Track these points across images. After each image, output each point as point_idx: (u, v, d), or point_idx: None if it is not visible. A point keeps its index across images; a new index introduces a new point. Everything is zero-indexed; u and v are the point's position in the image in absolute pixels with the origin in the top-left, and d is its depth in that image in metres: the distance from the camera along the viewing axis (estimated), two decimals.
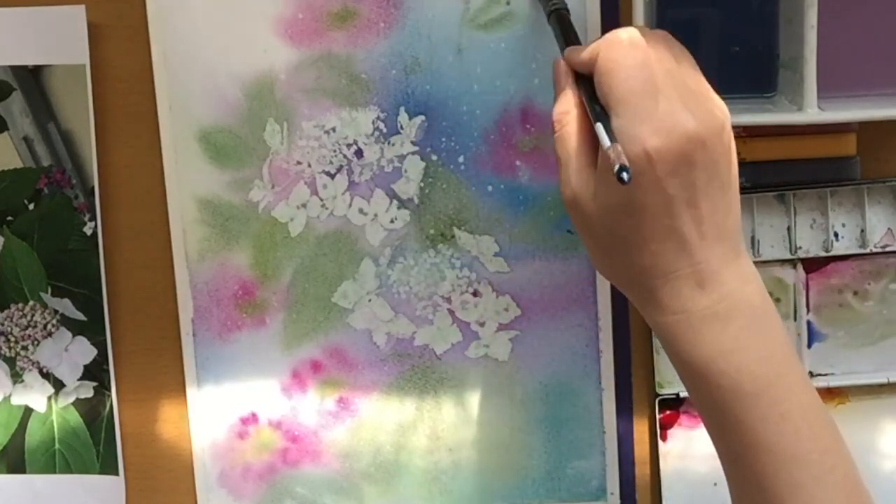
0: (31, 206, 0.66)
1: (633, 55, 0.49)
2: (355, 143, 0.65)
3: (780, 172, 0.64)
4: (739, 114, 0.61)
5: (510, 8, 0.63)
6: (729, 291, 0.50)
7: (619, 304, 0.66)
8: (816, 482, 0.49)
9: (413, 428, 0.68)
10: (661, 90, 0.48)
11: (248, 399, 0.68)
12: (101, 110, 0.65)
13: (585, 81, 0.52)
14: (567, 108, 0.52)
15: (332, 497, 0.69)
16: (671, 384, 0.66)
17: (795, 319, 0.66)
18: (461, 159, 0.65)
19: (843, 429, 0.67)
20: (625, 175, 0.45)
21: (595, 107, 0.50)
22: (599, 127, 0.48)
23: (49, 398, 0.68)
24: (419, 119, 0.65)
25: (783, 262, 0.66)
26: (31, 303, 0.67)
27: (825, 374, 0.66)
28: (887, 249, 0.65)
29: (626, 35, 0.50)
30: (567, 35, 0.57)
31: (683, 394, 0.66)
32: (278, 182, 0.65)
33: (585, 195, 0.51)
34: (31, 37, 0.64)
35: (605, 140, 0.47)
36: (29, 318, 0.67)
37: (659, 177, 0.48)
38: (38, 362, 0.68)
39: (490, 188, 0.65)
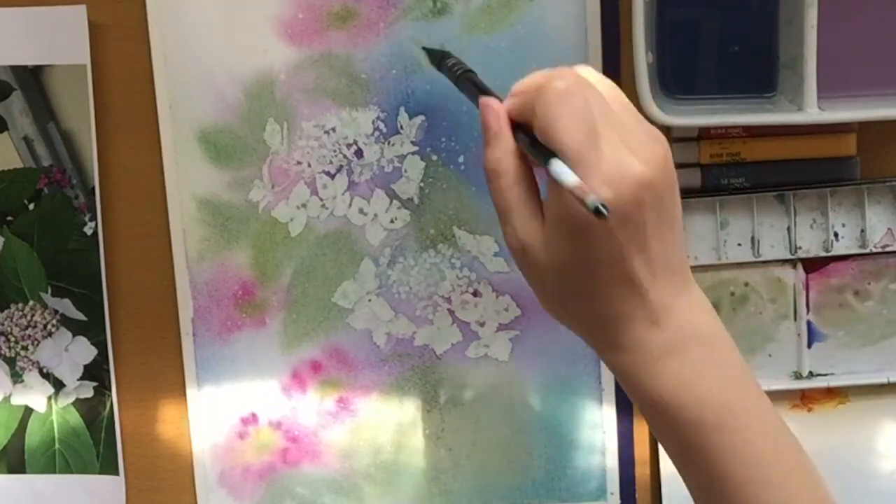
0: (31, 206, 0.66)
1: (573, 105, 0.46)
2: (355, 143, 0.65)
3: (780, 172, 0.64)
4: (739, 114, 0.61)
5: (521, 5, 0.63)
6: (682, 324, 0.49)
7: None
8: None
9: (413, 428, 0.68)
10: (602, 136, 0.46)
11: (248, 399, 0.68)
12: (102, 110, 0.65)
13: (521, 127, 0.49)
14: (501, 155, 0.49)
15: (332, 497, 0.69)
16: None
17: (795, 319, 0.66)
18: (461, 159, 0.65)
19: (843, 429, 0.67)
20: (604, 210, 0.43)
21: (542, 150, 0.47)
22: (557, 164, 0.45)
23: (49, 398, 0.68)
24: (419, 119, 0.65)
25: (783, 262, 0.66)
26: (31, 303, 0.67)
27: (825, 374, 0.66)
28: (887, 249, 0.65)
29: (563, 83, 0.47)
30: (486, 91, 0.53)
31: None
32: (278, 182, 0.65)
33: (535, 245, 0.49)
34: (32, 37, 0.64)
35: (569, 178, 0.45)
36: (29, 318, 0.67)
37: (611, 227, 0.46)
38: (38, 362, 0.68)
39: None
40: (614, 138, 0.46)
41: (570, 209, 0.46)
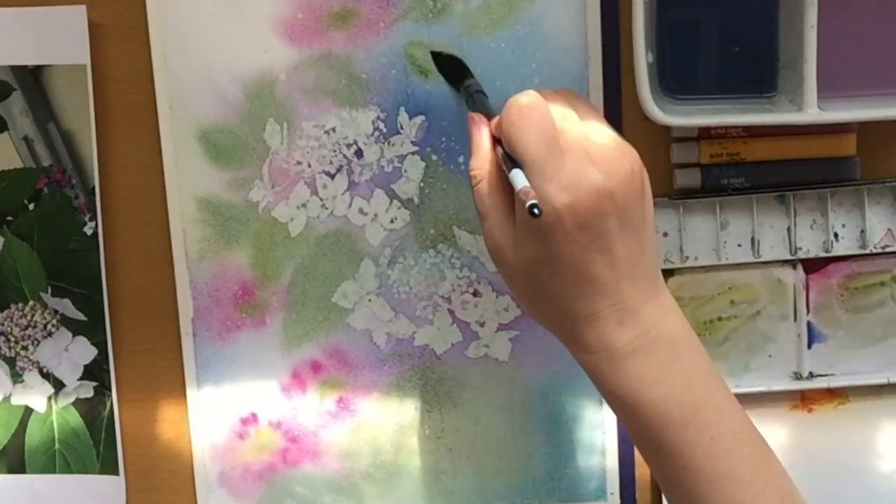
0: (31, 206, 0.66)
1: (532, 119, 0.51)
2: (355, 143, 0.65)
3: (780, 172, 0.64)
4: (739, 114, 0.61)
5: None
6: (649, 326, 0.52)
7: None
8: (753, 499, 0.51)
9: (413, 428, 0.68)
10: (566, 148, 0.51)
11: (248, 399, 0.68)
12: (102, 110, 0.65)
13: (500, 142, 0.54)
14: (482, 164, 0.54)
15: (332, 497, 0.69)
16: None
17: (795, 320, 0.66)
18: (461, 159, 0.65)
19: (844, 429, 0.68)
20: (536, 210, 0.47)
21: (508, 160, 0.52)
22: (515, 173, 0.50)
23: (49, 398, 0.68)
24: (419, 119, 0.65)
25: (783, 262, 0.66)
26: (31, 303, 0.67)
27: (825, 375, 0.66)
28: (887, 250, 0.65)
29: (525, 99, 0.52)
30: (484, 106, 0.58)
31: None
32: (278, 182, 0.65)
33: (506, 247, 0.53)
34: (32, 37, 0.64)
35: (518, 182, 0.49)
36: (29, 318, 0.67)
37: (570, 230, 0.50)
38: (38, 362, 0.68)
39: None
40: (577, 151, 0.51)
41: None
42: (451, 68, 0.63)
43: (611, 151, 0.52)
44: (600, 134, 0.53)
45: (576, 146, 0.51)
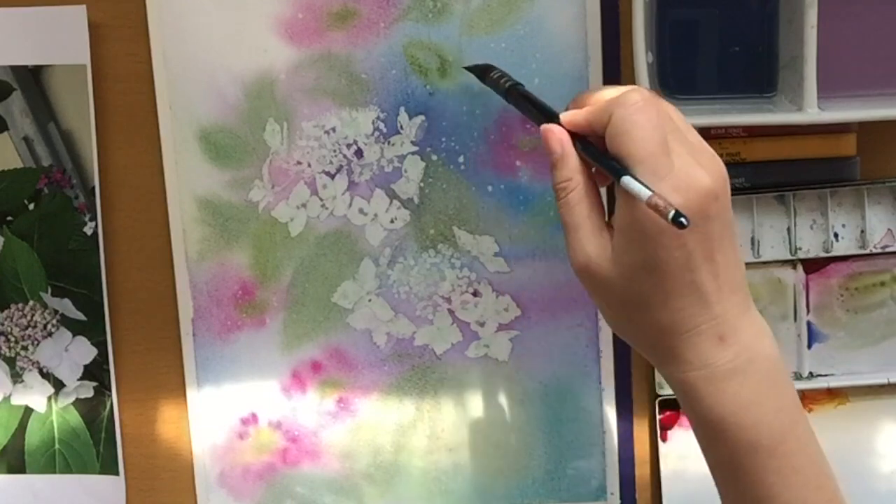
0: (31, 206, 0.66)
1: (648, 115, 0.49)
2: (355, 143, 0.65)
3: (780, 172, 0.64)
4: (739, 114, 0.61)
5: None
6: (747, 344, 0.50)
7: None
8: None
9: (413, 428, 0.68)
10: (672, 148, 0.49)
11: (248, 399, 0.68)
12: (102, 110, 0.65)
13: (584, 142, 0.52)
14: (570, 175, 0.52)
15: (332, 497, 0.69)
16: None
17: (795, 320, 0.66)
18: (461, 159, 0.65)
19: (844, 429, 0.67)
20: (684, 220, 0.45)
21: (613, 163, 0.49)
22: (629, 179, 0.48)
23: (49, 398, 0.68)
24: (419, 119, 0.65)
25: (783, 262, 0.66)
26: (31, 303, 0.67)
27: (825, 375, 0.66)
28: (887, 250, 0.65)
29: (639, 95, 0.49)
30: (539, 106, 0.56)
31: None
32: (278, 182, 0.65)
33: (601, 259, 0.50)
34: (32, 37, 0.64)
35: (644, 190, 0.47)
36: (29, 318, 0.67)
37: (680, 232, 0.48)
38: (38, 362, 0.68)
39: (490, 188, 0.65)
40: (682, 151, 0.49)
41: (641, 217, 0.48)
42: (483, 72, 0.62)
43: (708, 153, 0.50)
44: (694, 135, 0.51)
45: (679, 146, 0.49)
